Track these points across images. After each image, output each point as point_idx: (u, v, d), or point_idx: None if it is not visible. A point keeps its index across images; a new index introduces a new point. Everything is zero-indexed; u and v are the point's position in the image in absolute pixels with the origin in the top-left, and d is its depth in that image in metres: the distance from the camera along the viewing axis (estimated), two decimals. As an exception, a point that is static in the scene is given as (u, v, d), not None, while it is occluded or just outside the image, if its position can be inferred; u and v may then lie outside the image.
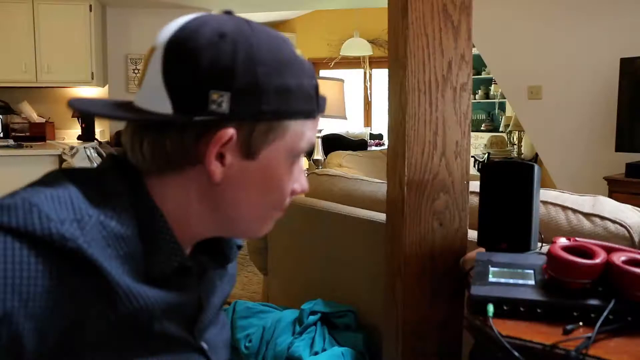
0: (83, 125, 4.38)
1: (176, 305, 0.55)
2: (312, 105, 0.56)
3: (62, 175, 0.51)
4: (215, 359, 0.62)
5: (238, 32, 0.51)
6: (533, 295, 0.73)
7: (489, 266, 0.84)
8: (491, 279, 0.79)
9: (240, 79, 0.50)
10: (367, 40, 6.15)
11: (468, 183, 1.17)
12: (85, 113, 0.54)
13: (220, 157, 0.52)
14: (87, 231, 0.47)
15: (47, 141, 4.25)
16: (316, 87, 0.56)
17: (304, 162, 0.60)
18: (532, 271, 0.81)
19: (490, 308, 0.72)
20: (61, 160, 3.63)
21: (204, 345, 0.61)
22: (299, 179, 0.60)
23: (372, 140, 5.61)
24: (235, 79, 0.50)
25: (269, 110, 0.52)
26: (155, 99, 0.51)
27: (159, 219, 0.53)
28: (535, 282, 0.77)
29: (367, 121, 6.77)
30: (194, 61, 0.50)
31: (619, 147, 2.89)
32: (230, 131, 0.51)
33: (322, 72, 6.83)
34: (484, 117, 6.04)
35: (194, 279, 0.58)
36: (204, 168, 0.52)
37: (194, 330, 0.59)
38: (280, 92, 0.52)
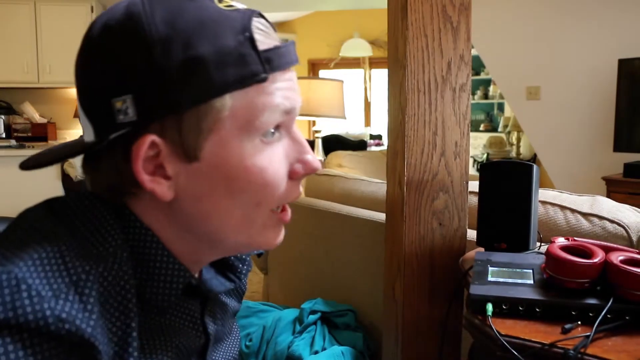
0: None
1: (178, 334, 0.49)
2: (250, 66, 0.43)
3: (44, 218, 0.43)
4: None
5: (126, 16, 0.42)
6: (532, 295, 0.74)
7: (488, 266, 0.84)
8: (490, 278, 0.80)
9: (137, 73, 0.41)
10: (367, 41, 6.16)
11: (467, 183, 1.18)
12: (34, 168, 0.47)
13: (161, 170, 0.44)
14: (86, 297, 0.39)
15: (49, 141, 4.26)
16: (251, 40, 0.43)
17: (300, 135, 0.48)
18: (530, 271, 0.81)
19: (489, 307, 0.73)
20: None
21: None
22: (299, 157, 0.47)
23: (371, 141, 5.61)
24: (130, 75, 0.41)
25: (184, 97, 0.41)
26: (85, 127, 0.45)
27: (152, 239, 0.46)
28: (534, 281, 0.78)
29: (367, 121, 6.77)
30: (89, 73, 0.43)
31: (617, 147, 2.90)
32: (149, 138, 0.42)
33: (322, 73, 6.84)
34: (483, 117, 6.05)
35: (197, 301, 0.51)
36: None
37: (205, 356, 0.54)
38: (192, 68, 0.41)
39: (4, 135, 4.22)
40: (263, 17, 0.46)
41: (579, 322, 0.70)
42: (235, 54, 0.42)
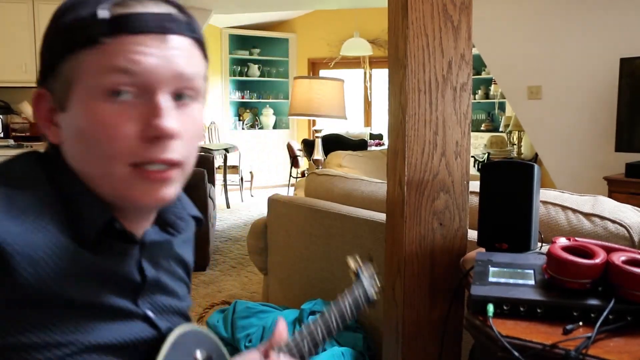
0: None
1: (111, 272, 0.54)
2: (89, 30, 0.50)
3: (9, 163, 0.54)
4: (164, 326, 0.60)
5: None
6: (533, 295, 0.73)
7: (489, 266, 0.84)
8: (491, 278, 0.79)
9: (45, 41, 0.54)
10: (367, 40, 6.16)
11: (468, 183, 1.17)
12: None
13: (51, 118, 0.54)
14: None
15: (47, 141, 4.25)
16: (92, 14, 0.50)
17: (159, 100, 0.51)
18: (532, 271, 0.81)
19: (490, 308, 0.72)
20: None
21: (149, 313, 0.59)
22: (150, 121, 0.51)
23: (372, 140, 5.61)
24: (43, 43, 0.54)
25: (52, 57, 0.53)
26: None
27: (75, 181, 0.53)
28: (535, 282, 0.77)
29: (367, 121, 6.78)
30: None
31: (619, 147, 2.89)
32: (40, 91, 0.54)
33: (322, 72, 6.84)
34: (483, 117, 6.04)
35: (132, 246, 0.57)
36: None
37: (138, 298, 0.58)
38: (58, 34, 0.53)
39: (2, 135, 4.22)
40: None
41: (581, 323, 0.70)
42: (81, 21, 0.51)
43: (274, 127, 7.00)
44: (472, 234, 1.15)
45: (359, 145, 4.74)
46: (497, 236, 0.99)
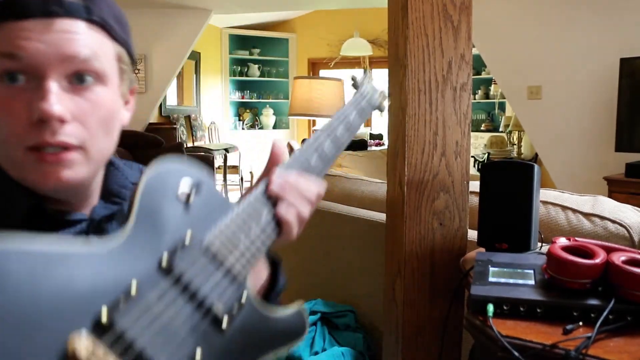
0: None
1: None
2: None
3: None
4: None
5: None
6: (533, 295, 0.73)
7: (489, 266, 0.84)
8: (491, 278, 0.79)
9: None
10: (367, 40, 6.16)
11: (468, 183, 1.17)
12: None
13: None
14: None
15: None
16: None
17: (46, 84, 0.51)
18: (532, 271, 0.81)
19: (490, 308, 0.72)
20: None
21: None
22: (34, 104, 0.51)
23: (372, 140, 5.61)
24: None
25: None
26: None
27: None
28: (535, 282, 0.77)
29: (367, 121, 6.78)
30: None
31: (619, 147, 2.89)
32: None
33: (322, 72, 6.84)
34: (483, 117, 6.04)
35: (74, 226, 0.57)
36: None
37: None
38: None
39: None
40: None
41: (581, 323, 0.70)
42: None
43: (274, 127, 7.00)
44: (472, 234, 1.15)
45: (358, 145, 4.74)
46: (497, 236, 0.99)
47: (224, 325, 0.45)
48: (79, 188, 0.58)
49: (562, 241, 0.80)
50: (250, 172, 6.37)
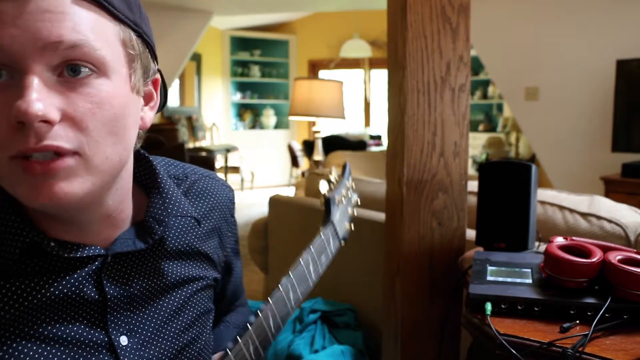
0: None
1: (55, 296, 0.47)
2: None
3: None
4: (138, 355, 0.51)
5: None
6: (530, 294, 0.74)
7: (487, 265, 0.84)
8: (489, 277, 0.80)
9: None
10: (367, 42, 6.17)
11: (466, 183, 1.18)
12: None
13: None
14: None
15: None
16: None
17: (25, 78, 0.42)
18: (529, 270, 0.81)
19: (488, 306, 0.73)
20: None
21: (122, 341, 0.50)
22: (15, 104, 0.41)
23: (371, 141, 5.61)
24: None
25: None
26: None
27: None
28: (533, 280, 0.78)
29: (367, 122, 6.78)
30: None
31: (615, 148, 2.91)
32: None
33: (322, 73, 6.84)
34: (481, 117, 6.05)
35: (82, 260, 0.49)
36: None
37: (106, 320, 0.50)
38: None
39: None
40: None
41: (577, 321, 0.70)
42: None
43: (275, 127, 7.01)
44: (471, 234, 1.16)
45: (358, 145, 4.75)
46: (495, 235, 1.00)
47: None
48: (84, 206, 0.47)
49: (559, 240, 0.80)
50: (251, 172, 6.37)
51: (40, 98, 0.41)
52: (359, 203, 0.81)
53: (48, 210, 0.46)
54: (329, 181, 0.78)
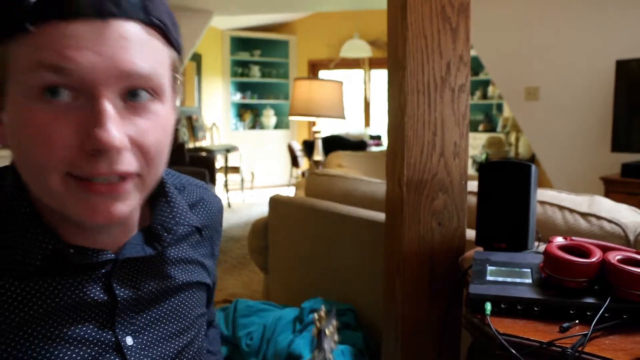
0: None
1: (68, 298, 0.49)
2: (13, 15, 0.41)
3: None
4: (143, 355, 0.53)
5: None
6: (530, 294, 0.74)
7: (487, 265, 0.85)
8: (489, 277, 0.80)
9: None
10: (367, 42, 6.17)
11: (466, 183, 1.18)
12: None
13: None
14: None
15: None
16: None
17: (100, 105, 0.42)
18: (529, 270, 0.82)
19: (488, 306, 0.73)
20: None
21: (128, 341, 0.52)
22: (91, 130, 0.42)
23: (371, 141, 5.62)
24: None
25: None
26: None
27: (17, 198, 0.47)
28: (533, 280, 0.78)
29: (367, 122, 6.78)
30: None
31: (615, 148, 2.91)
32: None
33: (322, 73, 6.84)
34: (481, 117, 6.05)
35: (96, 264, 0.50)
36: None
37: (114, 323, 0.51)
38: None
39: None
40: None
41: (577, 321, 0.70)
42: (9, 4, 0.41)
43: (275, 127, 7.01)
44: (471, 234, 1.16)
45: (358, 145, 4.75)
46: (495, 235, 1.00)
47: None
48: (122, 222, 0.50)
49: (559, 240, 0.81)
50: (251, 173, 6.38)
51: (117, 127, 0.43)
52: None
53: (92, 226, 0.48)
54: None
